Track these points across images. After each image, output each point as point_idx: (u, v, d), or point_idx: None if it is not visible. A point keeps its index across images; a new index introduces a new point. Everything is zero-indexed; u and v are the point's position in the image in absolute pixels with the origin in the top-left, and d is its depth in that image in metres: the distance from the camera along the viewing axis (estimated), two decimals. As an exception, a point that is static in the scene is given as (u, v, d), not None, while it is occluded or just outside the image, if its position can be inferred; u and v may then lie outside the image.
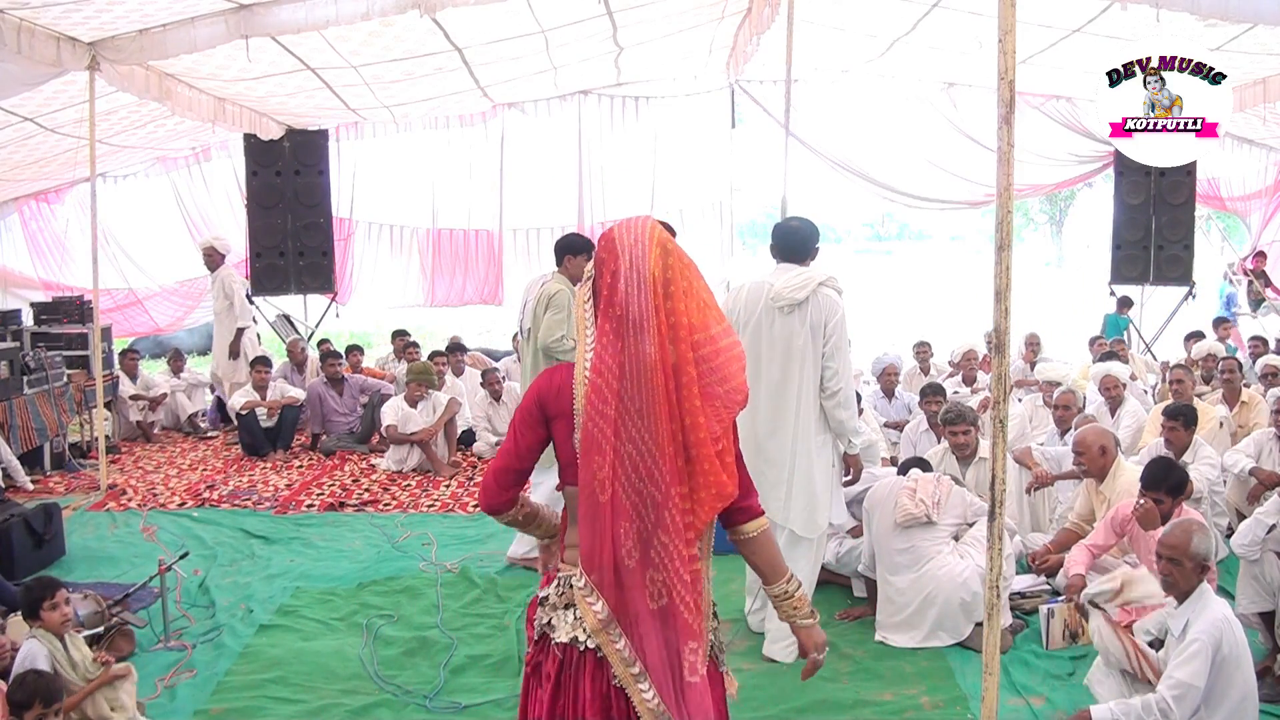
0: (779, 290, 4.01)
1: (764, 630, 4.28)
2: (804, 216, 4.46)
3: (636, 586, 2.09)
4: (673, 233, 3.03)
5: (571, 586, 2.19)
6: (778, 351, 4.04)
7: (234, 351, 8.95)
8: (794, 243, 4.17)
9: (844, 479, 4.31)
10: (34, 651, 3.42)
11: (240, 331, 8.96)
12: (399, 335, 10.25)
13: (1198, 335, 9.63)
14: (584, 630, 2.16)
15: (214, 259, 9.02)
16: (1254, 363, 8.62)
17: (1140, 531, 4.39)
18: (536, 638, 2.27)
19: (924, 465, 4.93)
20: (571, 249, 5.15)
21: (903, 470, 4.84)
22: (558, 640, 2.19)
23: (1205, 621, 3.20)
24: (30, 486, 7.08)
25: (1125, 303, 11.33)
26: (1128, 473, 4.79)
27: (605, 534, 2.08)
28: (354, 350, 9.74)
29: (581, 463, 2.13)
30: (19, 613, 3.74)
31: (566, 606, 2.21)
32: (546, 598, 2.26)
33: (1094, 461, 4.92)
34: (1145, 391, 8.05)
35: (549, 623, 2.23)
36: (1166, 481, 4.19)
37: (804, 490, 4.05)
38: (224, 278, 9.01)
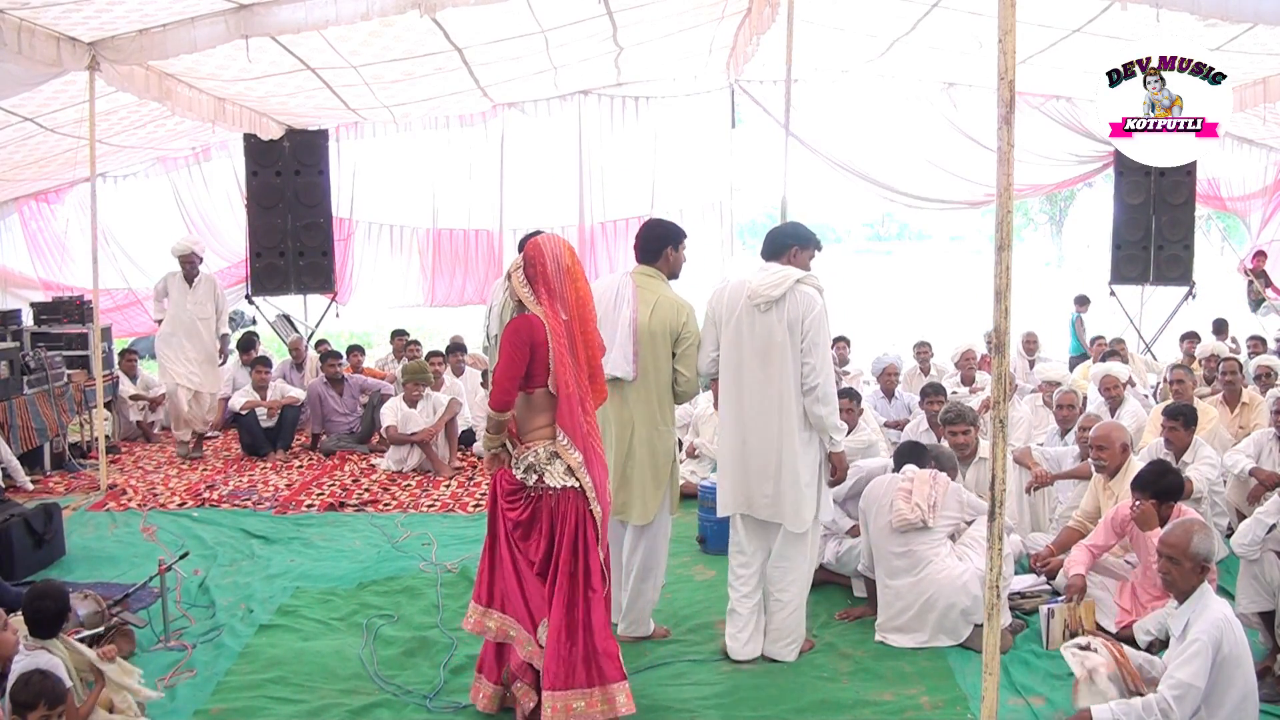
0: (755, 288, 4.03)
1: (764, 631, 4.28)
2: (797, 221, 4.49)
3: (590, 441, 3.54)
4: (684, 235, 4.43)
5: (551, 450, 3.48)
6: (758, 349, 4.05)
7: (225, 355, 8.62)
8: (771, 241, 4.21)
9: (829, 478, 4.29)
10: (50, 662, 3.38)
11: (225, 338, 8.57)
12: (398, 335, 10.26)
13: (1193, 336, 9.61)
14: (570, 475, 3.48)
15: (194, 264, 8.31)
16: (1250, 362, 8.63)
17: (1140, 531, 4.39)
18: (513, 491, 3.55)
19: (920, 451, 4.86)
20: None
21: (898, 458, 4.81)
22: (551, 485, 3.47)
23: (1206, 621, 3.20)
24: (30, 486, 7.08)
25: (1082, 301, 11.43)
26: (1136, 471, 4.80)
27: (575, 410, 3.48)
28: (355, 350, 9.73)
29: (557, 374, 3.45)
30: (19, 613, 3.70)
31: (549, 462, 3.48)
32: (531, 463, 3.48)
33: (1115, 458, 4.93)
34: (1146, 395, 8.02)
35: (540, 477, 3.47)
36: (1154, 485, 4.22)
37: (791, 487, 4.06)
38: (215, 282, 8.53)
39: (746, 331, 4.07)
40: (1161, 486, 4.22)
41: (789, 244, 4.18)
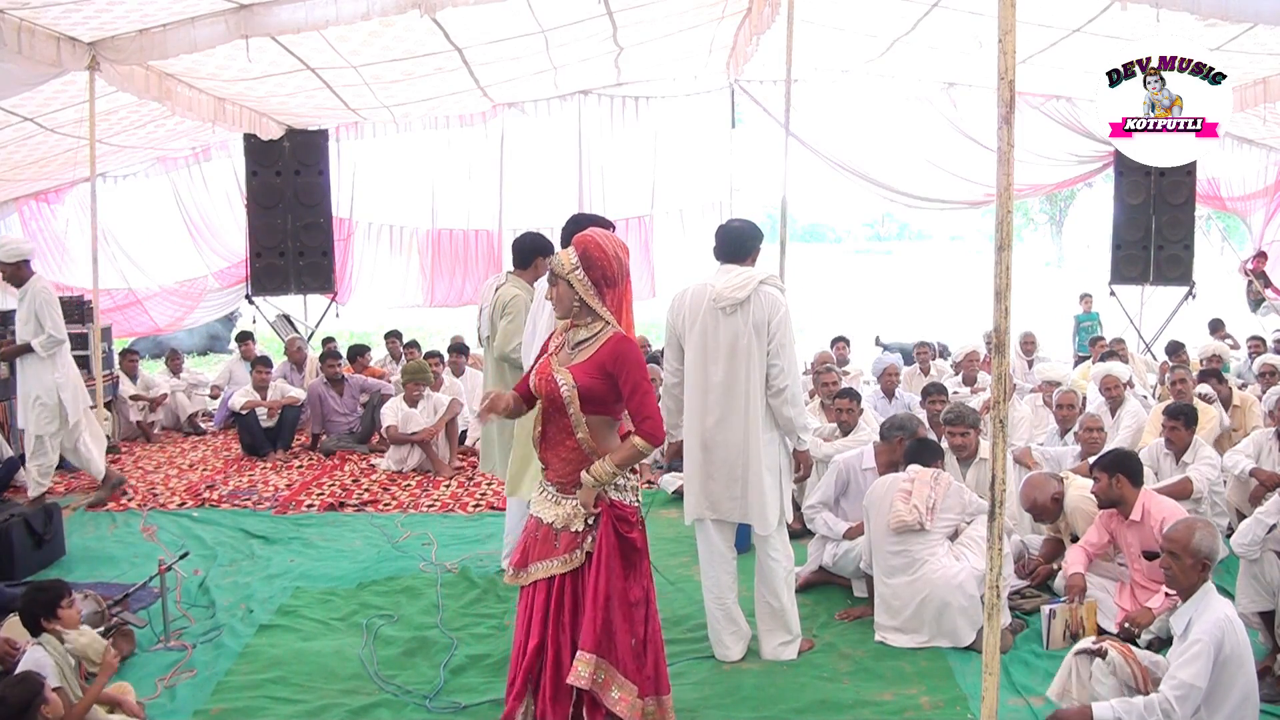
0: (720, 291, 4.03)
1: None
2: (747, 218, 4.47)
3: None
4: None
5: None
6: (722, 352, 4.06)
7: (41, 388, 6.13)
8: (734, 243, 4.18)
9: (794, 475, 4.33)
10: (40, 661, 3.38)
11: (47, 342, 6.11)
12: (392, 336, 10.22)
13: (1180, 349, 9.54)
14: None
15: (20, 273, 6.13)
16: (1251, 362, 8.62)
17: (1123, 529, 4.49)
18: (632, 520, 3.23)
19: (929, 448, 4.83)
20: (542, 251, 5.02)
21: (907, 455, 4.81)
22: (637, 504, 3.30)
23: (1208, 621, 3.20)
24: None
25: (1087, 298, 11.48)
26: (1075, 488, 4.92)
27: None
28: (362, 351, 9.68)
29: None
30: (17, 615, 3.71)
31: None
32: (636, 486, 3.26)
33: (1047, 513, 4.95)
34: (1145, 396, 8.01)
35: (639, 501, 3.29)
36: (1101, 459, 4.57)
37: (757, 488, 4.07)
38: (35, 290, 6.11)
39: (711, 335, 4.07)
40: (1106, 460, 4.52)
41: (753, 246, 4.19)
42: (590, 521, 3.19)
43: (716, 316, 4.05)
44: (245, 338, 9.98)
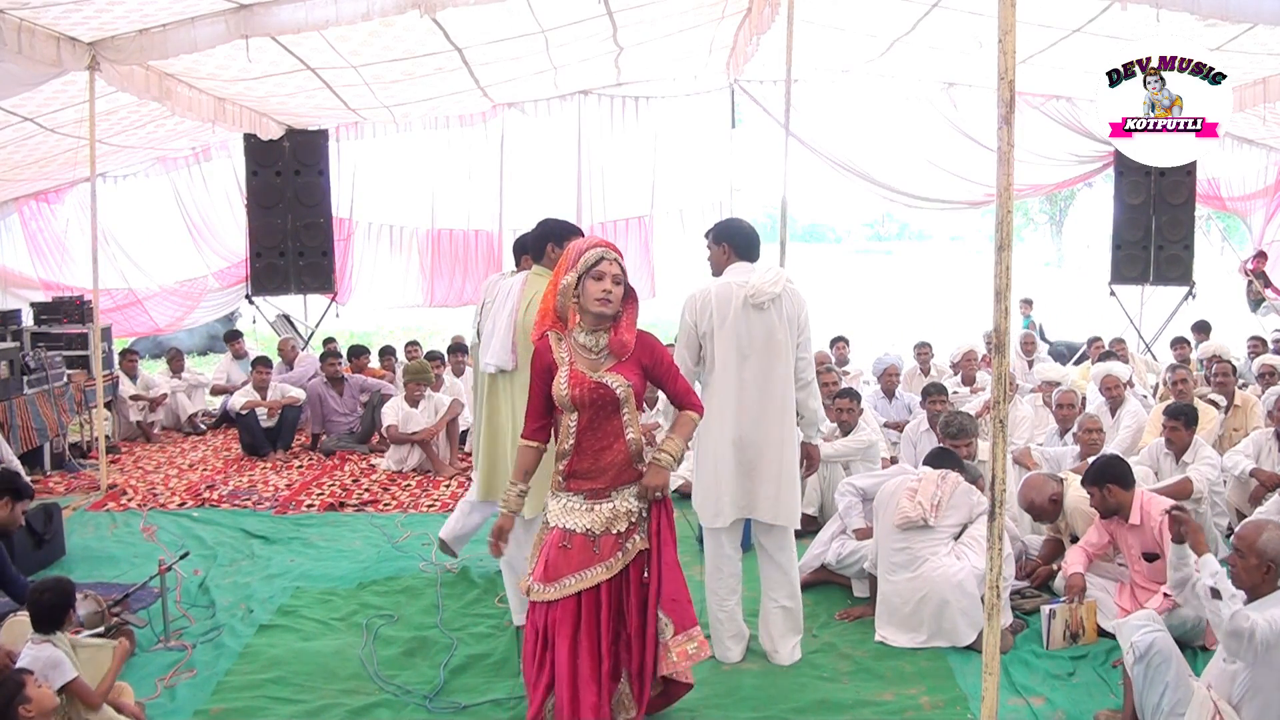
0: (758, 287, 4.04)
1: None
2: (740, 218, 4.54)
3: None
4: (567, 232, 4.33)
5: None
6: (758, 347, 4.06)
7: None
8: (754, 242, 4.25)
9: (803, 470, 4.35)
10: (55, 657, 3.36)
11: None
12: (412, 346, 10.08)
13: (1184, 342, 9.56)
14: None
15: None
16: (1251, 362, 8.62)
17: (1123, 531, 4.49)
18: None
19: (951, 457, 4.86)
20: (523, 249, 4.94)
21: (927, 459, 4.86)
22: None
23: None
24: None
25: (1026, 303, 11.56)
26: (1074, 489, 4.91)
27: None
28: (360, 353, 9.67)
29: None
30: (26, 614, 3.70)
31: None
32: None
33: (1045, 513, 4.96)
34: (1145, 396, 8.01)
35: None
36: (1087, 475, 4.54)
37: (790, 483, 4.09)
38: None
39: (744, 332, 4.06)
40: (1093, 473, 4.48)
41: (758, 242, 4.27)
42: (634, 520, 3.29)
43: (748, 314, 4.04)
44: (234, 336, 10.04)
